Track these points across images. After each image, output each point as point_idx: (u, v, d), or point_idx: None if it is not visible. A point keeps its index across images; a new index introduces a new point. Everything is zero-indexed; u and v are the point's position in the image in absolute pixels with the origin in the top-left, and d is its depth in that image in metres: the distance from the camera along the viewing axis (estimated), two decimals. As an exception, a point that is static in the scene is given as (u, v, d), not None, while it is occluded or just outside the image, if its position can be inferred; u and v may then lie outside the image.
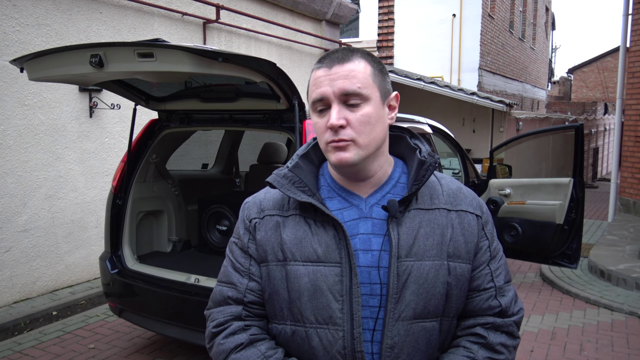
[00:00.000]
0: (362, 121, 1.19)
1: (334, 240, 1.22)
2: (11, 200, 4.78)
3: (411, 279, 1.21)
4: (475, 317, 1.30)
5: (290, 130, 3.35)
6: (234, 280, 1.32)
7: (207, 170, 5.45)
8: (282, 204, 1.31)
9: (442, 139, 5.86)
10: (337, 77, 1.19)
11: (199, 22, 6.76)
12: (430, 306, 1.22)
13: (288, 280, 1.24)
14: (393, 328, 1.19)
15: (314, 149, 1.36)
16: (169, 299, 3.51)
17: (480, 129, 11.69)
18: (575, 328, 4.74)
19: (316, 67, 1.24)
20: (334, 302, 1.20)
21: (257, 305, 1.31)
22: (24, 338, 4.36)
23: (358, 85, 1.19)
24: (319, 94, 1.20)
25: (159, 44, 2.61)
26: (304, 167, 1.31)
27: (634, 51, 9.18)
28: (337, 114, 1.18)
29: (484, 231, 1.32)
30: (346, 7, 9.63)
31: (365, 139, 1.20)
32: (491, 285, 1.30)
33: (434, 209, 1.27)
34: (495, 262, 1.33)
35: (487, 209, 1.36)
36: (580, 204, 5.12)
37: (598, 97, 27.94)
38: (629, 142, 9.31)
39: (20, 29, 4.77)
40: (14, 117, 4.76)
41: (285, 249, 1.25)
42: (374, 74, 1.23)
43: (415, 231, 1.23)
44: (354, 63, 1.21)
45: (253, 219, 1.33)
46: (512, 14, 16.09)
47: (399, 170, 1.33)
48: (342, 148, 1.19)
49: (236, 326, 1.29)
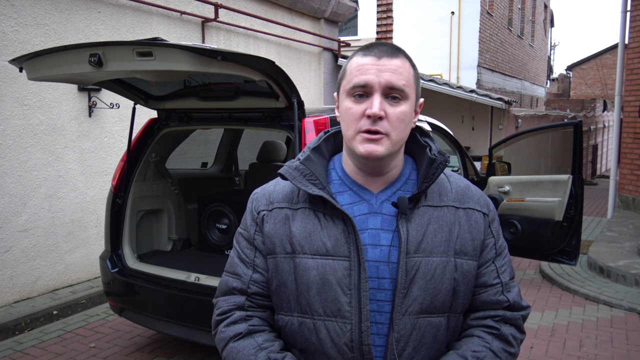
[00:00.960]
0: (399, 117, 1.21)
1: (344, 234, 1.24)
2: (11, 200, 4.79)
3: (419, 275, 1.22)
4: (485, 310, 1.32)
5: (289, 129, 3.36)
6: (239, 271, 1.34)
7: (206, 169, 5.45)
8: (292, 197, 1.32)
9: (441, 137, 5.86)
10: (385, 69, 1.20)
11: (198, 21, 6.76)
12: (437, 302, 1.24)
13: (296, 272, 1.25)
14: (400, 322, 1.21)
15: (325, 142, 1.37)
16: (169, 297, 3.52)
17: (479, 127, 11.70)
18: (574, 324, 4.75)
19: (361, 54, 1.24)
20: (342, 295, 1.22)
21: (260, 297, 1.33)
22: (24, 337, 4.37)
23: (403, 82, 1.21)
24: (364, 81, 1.20)
25: (157, 43, 2.62)
26: (315, 160, 1.32)
27: (633, 48, 9.18)
28: (380, 104, 1.19)
29: (490, 229, 1.34)
30: (345, 5, 9.63)
31: (398, 136, 1.22)
32: (497, 282, 1.32)
33: (442, 207, 1.29)
34: (501, 259, 1.35)
35: (494, 207, 1.38)
36: (580, 201, 5.12)
37: (597, 94, 27.94)
38: (628, 138, 9.32)
39: (19, 28, 4.77)
40: (13, 117, 4.76)
41: (294, 241, 1.26)
42: (415, 77, 1.26)
43: (424, 228, 1.25)
44: (402, 60, 1.23)
45: (261, 211, 1.34)
46: (510, 11, 16.08)
47: (410, 167, 1.34)
48: (375, 140, 1.20)
49: (237, 316, 1.32)
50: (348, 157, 1.31)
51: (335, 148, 1.40)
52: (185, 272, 3.60)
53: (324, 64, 9.49)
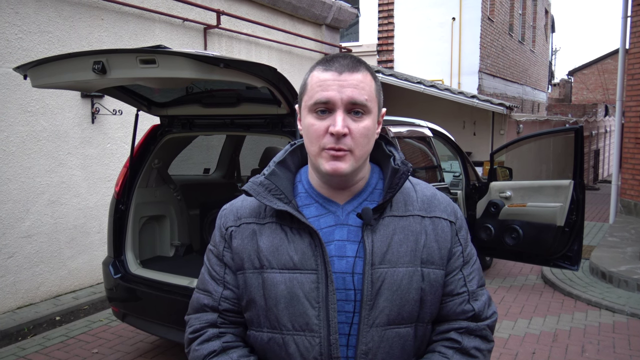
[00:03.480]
0: (362, 133, 1.20)
1: (310, 247, 1.23)
2: (14, 206, 4.81)
3: (385, 286, 1.22)
4: (449, 322, 1.31)
5: (291, 135, 3.38)
6: (210, 288, 1.33)
7: (208, 175, 5.47)
8: (259, 212, 1.31)
9: (442, 142, 5.89)
10: (347, 84, 1.18)
11: (200, 28, 6.80)
12: (404, 312, 1.23)
13: (265, 287, 1.24)
14: (367, 334, 1.21)
15: (291, 154, 1.37)
16: (171, 303, 3.52)
17: (480, 132, 11.70)
18: (576, 330, 4.75)
19: (322, 68, 1.22)
20: (310, 309, 1.21)
21: (232, 313, 1.32)
22: (27, 343, 4.38)
23: (366, 97, 1.20)
24: (325, 97, 1.18)
25: (160, 50, 2.64)
26: (280, 174, 1.32)
27: (633, 53, 9.20)
28: (343, 121, 1.18)
29: (457, 237, 1.33)
30: (346, 11, 9.67)
31: (361, 151, 1.21)
32: (464, 290, 1.31)
33: (408, 216, 1.28)
34: (469, 267, 1.34)
35: (461, 214, 1.38)
36: (581, 206, 5.13)
37: (598, 99, 27.93)
38: (629, 143, 9.31)
39: (23, 36, 4.81)
40: (17, 123, 4.79)
41: (261, 256, 1.26)
42: (377, 89, 1.26)
43: (389, 238, 1.24)
44: (363, 74, 1.21)
45: (229, 227, 1.33)
46: (511, 17, 16.12)
47: (376, 177, 1.34)
48: (339, 157, 1.19)
49: (211, 333, 1.31)
50: (313, 172, 1.31)
51: (302, 160, 1.38)
52: (187, 278, 3.61)
53: (325, 70, 9.51)
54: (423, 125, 5.23)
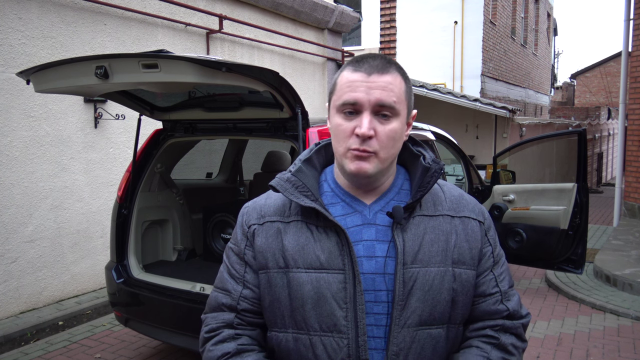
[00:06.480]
0: (389, 136, 1.19)
1: (337, 246, 1.21)
2: (17, 211, 4.82)
3: (417, 286, 1.20)
4: (484, 321, 1.30)
5: (293, 139, 3.38)
6: (228, 287, 1.31)
7: (211, 179, 5.47)
8: (284, 210, 1.29)
9: (445, 146, 5.87)
10: (375, 86, 1.17)
11: (202, 33, 6.82)
12: (436, 313, 1.22)
13: (290, 287, 1.22)
14: (399, 335, 1.19)
15: (316, 154, 1.35)
16: (174, 307, 3.52)
17: (483, 136, 11.70)
18: (581, 333, 4.72)
19: (351, 69, 1.21)
20: (338, 309, 1.19)
21: (250, 314, 1.30)
22: (30, 348, 4.38)
23: (394, 100, 1.18)
24: (353, 98, 1.18)
25: (163, 55, 2.64)
26: (306, 172, 1.30)
27: (636, 56, 9.19)
28: (369, 123, 1.17)
29: (487, 237, 1.32)
30: (348, 15, 9.69)
31: (387, 154, 1.20)
32: (496, 290, 1.30)
33: (437, 216, 1.27)
34: (499, 267, 1.33)
35: (489, 215, 1.37)
36: (585, 209, 5.11)
37: (601, 102, 27.90)
38: (633, 146, 9.29)
39: (26, 41, 4.83)
40: (20, 128, 4.80)
41: (287, 255, 1.24)
42: (407, 91, 1.24)
43: (420, 237, 1.23)
44: (392, 76, 1.20)
45: (252, 225, 1.31)
46: (513, 21, 16.13)
47: (402, 177, 1.32)
48: (364, 158, 1.18)
49: (226, 334, 1.28)
50: (339, 171, 1.30)
51: (326, 159, 1.38)
52: (190, 282, 3.61)
53: (327, 74, 9.54)
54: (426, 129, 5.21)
